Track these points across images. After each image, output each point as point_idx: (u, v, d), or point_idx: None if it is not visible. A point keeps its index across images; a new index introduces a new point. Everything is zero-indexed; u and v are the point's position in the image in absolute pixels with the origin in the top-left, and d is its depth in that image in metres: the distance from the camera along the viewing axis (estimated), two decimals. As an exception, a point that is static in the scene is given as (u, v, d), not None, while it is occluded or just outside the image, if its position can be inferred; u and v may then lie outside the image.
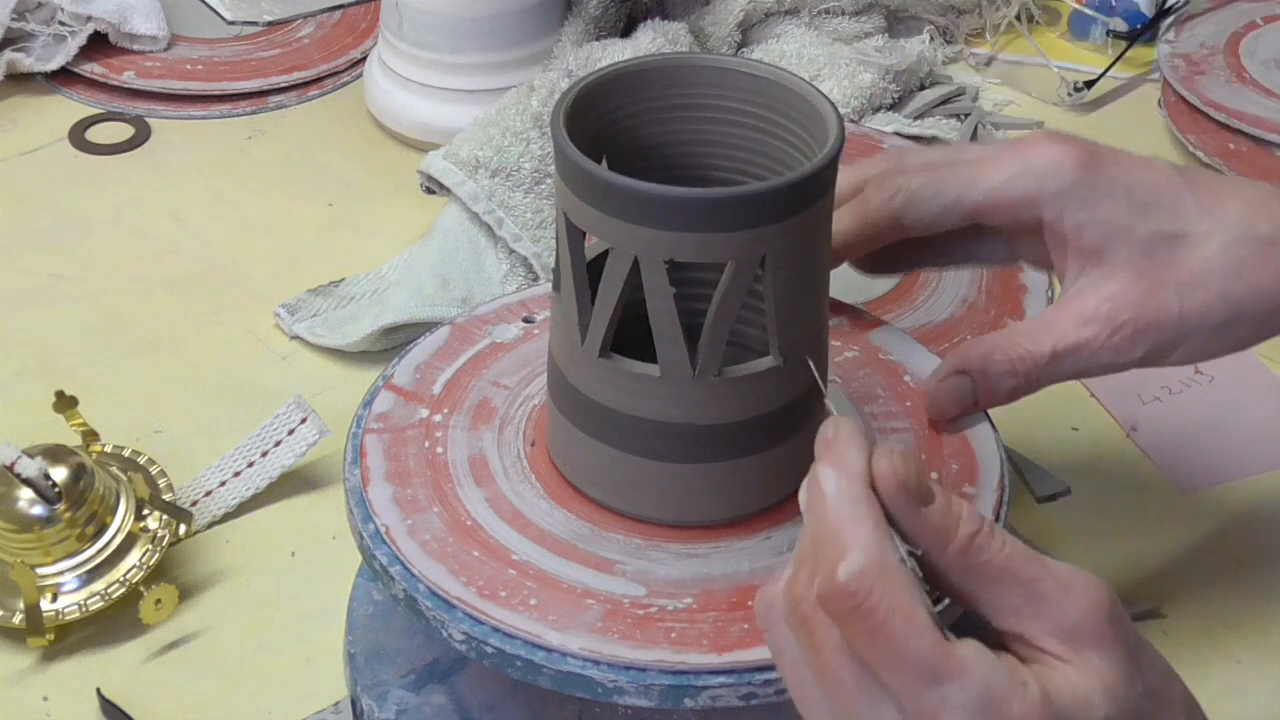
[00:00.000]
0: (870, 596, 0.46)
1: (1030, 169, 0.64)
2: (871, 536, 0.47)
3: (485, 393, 0.67)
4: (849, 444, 0.49)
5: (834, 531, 0.48)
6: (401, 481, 0.63)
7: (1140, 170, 0.65)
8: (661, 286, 0.57)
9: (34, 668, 0.72)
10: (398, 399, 0.67)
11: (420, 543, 0.60)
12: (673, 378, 0.58)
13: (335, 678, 0.71)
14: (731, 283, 0.57)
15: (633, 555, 0.60)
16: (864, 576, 0.47)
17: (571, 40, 1.05)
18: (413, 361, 0.69)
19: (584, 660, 0.56)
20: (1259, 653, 0.74)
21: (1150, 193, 0.64)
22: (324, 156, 1.06)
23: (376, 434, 0.65)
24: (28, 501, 0.71)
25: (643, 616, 0.57)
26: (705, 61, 0.62)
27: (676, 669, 0.56)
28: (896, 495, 0.48)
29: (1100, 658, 0.48)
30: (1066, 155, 0.64)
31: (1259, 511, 0.81)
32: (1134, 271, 0.63)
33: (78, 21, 1.11)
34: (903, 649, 0.46)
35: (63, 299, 0.93)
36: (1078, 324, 0.63)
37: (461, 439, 0.65)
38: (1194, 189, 0.64)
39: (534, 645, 0.57)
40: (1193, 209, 0.64)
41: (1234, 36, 1.13)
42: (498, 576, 0.59)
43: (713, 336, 0.57)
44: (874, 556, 0.47)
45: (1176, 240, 0.63)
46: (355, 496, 0.63)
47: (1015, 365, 0.64)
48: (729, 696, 0.55)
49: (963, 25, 1.18)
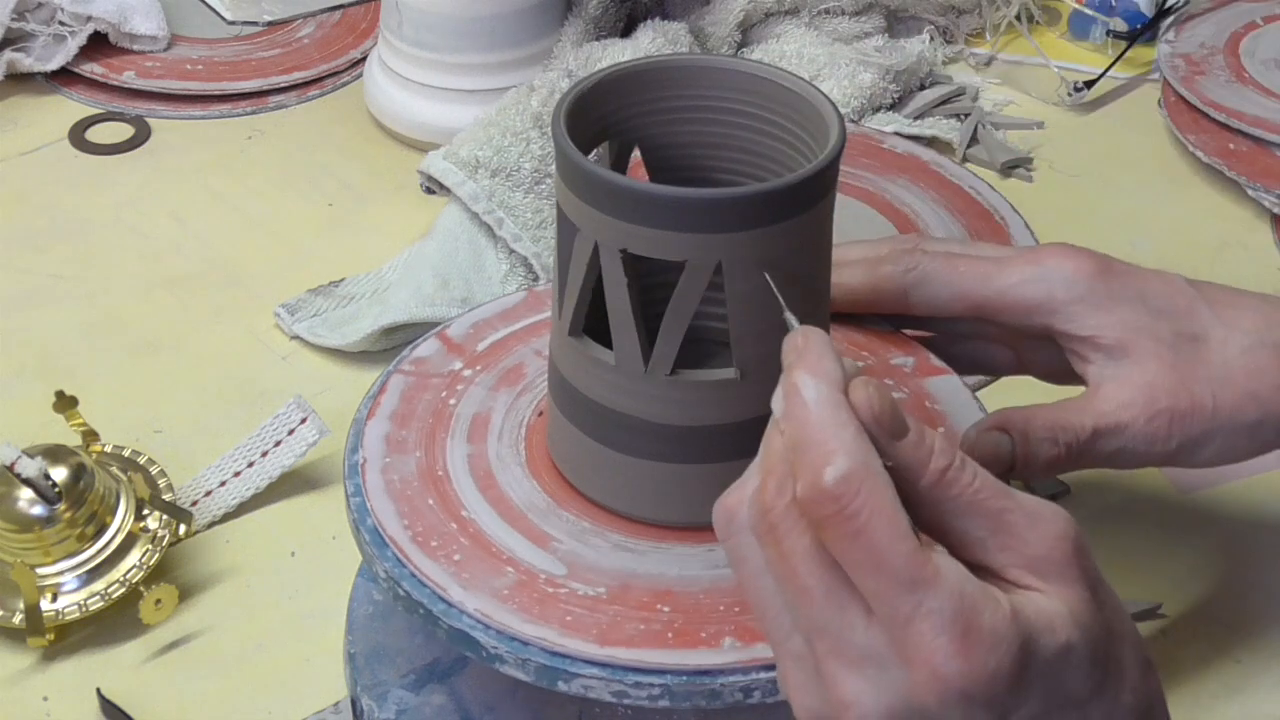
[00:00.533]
0: (856, 499, 0.47)
1: (1044, 276, 0.65)
2: (856, 441, 0.48)
3: (523, 358, 0.68)
4: (823, 352, 0.50)
5: (817, 436, 0.48)
6: (401, 423, 0.65)
7: (1154, 281, 0.66)
8: (617, 275, 0.57)
9: (34, 668, 0.72)
10: (440, 348, 0.69)
11: (386, 481, 0.63)
12: (626, 369, 0.59)
13: (335, 678, 0.71)
14: (685, 284, 0.56)
15: (573, 536, 0.61)
16: (850, 480, 0.47)
17: (571, 40, 1.05)
18: (474, 317, 0.70)
19: (475, 621, 0.57)
20: (1259, 653, 0.74)
21: (1166, 301, 0.65)
22: (324, 156, 1.06)
23: (403, 375, 0.67)
24: (28, 501, 0.71)
25: (549, 594, 0.58)
26: (705, 62, 0.62)
27: (556, 650, 0.56)
28: (871, 427, 0.49)
29: (1066, 588, 0.49)
30: (1081, 266, 0.65)
31: (1259, 511, 0.81)
32: (1164, 363, 0.64)
33: (78, 21, 1.11)
34: (884, 554, 0.47)
35: (63, 299, 0.93)
36: (1118, 406, 0.64)
37: (477, 396, 0.67)
38: (1208, 300, 0.66)
39: (437, 596, 0.58)
40: (1208, 317, 0.65)
41: (1234, 36, 1.13)
42: (439, 527, 0.61)
43: (667, 335, 0.57)
44: (860, 460, 0.47)
45: (1198, 340, 0.65)
46: (356, 427, 0.65)
47: (1057, 434, 0.63)
48: (600, 690, 0.56)
49: (963, 25, 1.18)
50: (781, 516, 0.49)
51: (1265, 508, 0.81)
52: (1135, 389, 0.64)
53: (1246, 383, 0.64)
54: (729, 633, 0.57)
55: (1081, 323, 0.65)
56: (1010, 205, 0.99)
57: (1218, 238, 1.00)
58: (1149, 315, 0.65)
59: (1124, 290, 0.65)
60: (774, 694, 0.55)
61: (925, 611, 0.47)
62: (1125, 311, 0.64)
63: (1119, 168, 1.07)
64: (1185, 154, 1.06)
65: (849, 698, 0.48)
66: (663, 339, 0.58)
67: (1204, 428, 0.64)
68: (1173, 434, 0.64)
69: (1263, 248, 1.00)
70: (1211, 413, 0.64)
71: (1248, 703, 0.71)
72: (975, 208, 0.98)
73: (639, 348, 0.58)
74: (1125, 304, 0.65)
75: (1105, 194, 1.05)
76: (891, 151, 1.03)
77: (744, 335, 0.58)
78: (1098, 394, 0.65)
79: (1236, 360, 0.64)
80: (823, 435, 0.48)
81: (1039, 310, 0.65)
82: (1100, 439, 0.64)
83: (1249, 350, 0.64)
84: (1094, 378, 0.65)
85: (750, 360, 0.58)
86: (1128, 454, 0.65)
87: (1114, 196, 1.04)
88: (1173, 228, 1.01)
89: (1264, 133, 1.03)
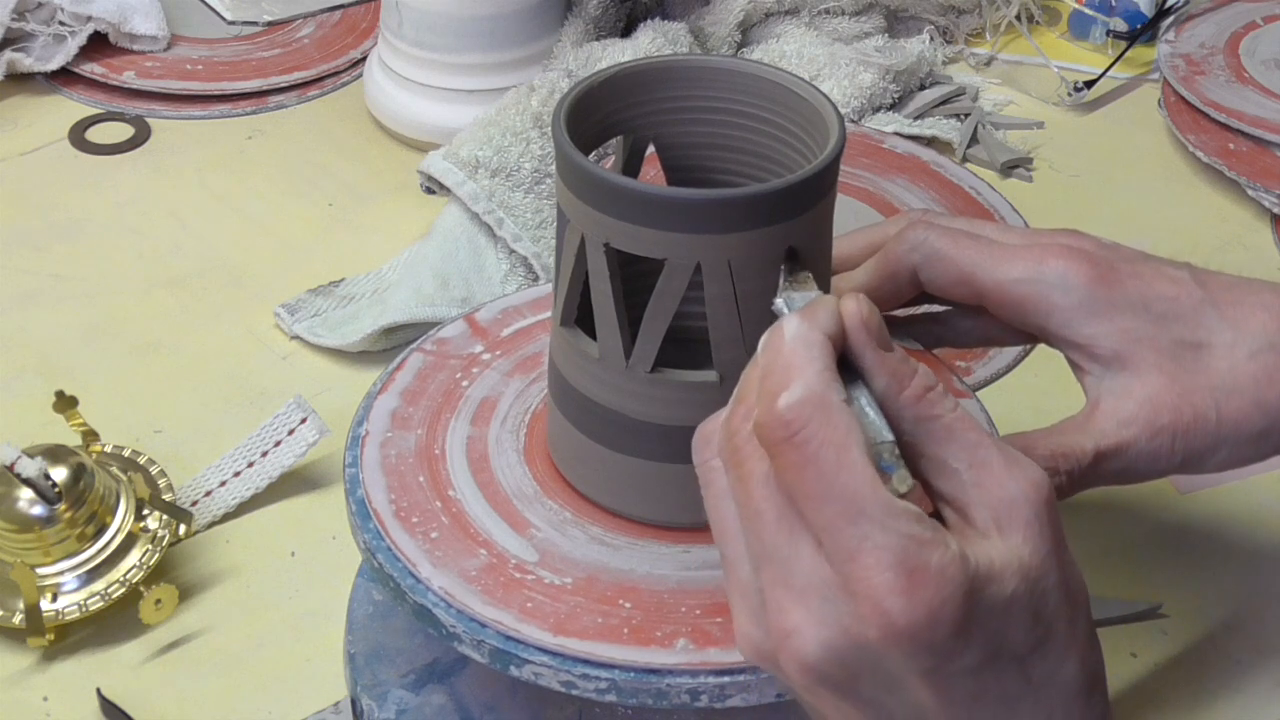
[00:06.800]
0: (806, 427, 0.47)
1: (1041, 277, 0.63)
2: (818, 374, 0.48)
3: (544, 347, 0.68)
4: (826, 307, 0.50)
5: (783, 365, 0.49)
6: (410, 400, 0.66)
7: (1158, 283, 0.63)
8: (601, 268, 0.57)
9: (34, 668, 0.72)
10: (465, 330, 0.70)
11: (383, 455, 0.63)
12: (609, 363, 0.59)
13: (335, 678, 0.71)
14: (665, 283, 0.57)
15: (552, 525, 0.61)
16: (803, 406, 0.47)
17: (571, 40, 1.05)
18: (504, 304, 0.71)
19: (438, 599, 0.58)
20: (1259, 653, 0.74)
21: (1169, 305, 0.63)
22: (324, 156, 1.06)
23: (423, 354, 0.68)
24: (28, 501, 0.71)
25: (515, 579, 0.59)
26: (705, 62, 0.62)
27: (510, 635, 0.56)
28: (859, 330, 0.50)
29: (1024, 542, 0.49)
30: (1079, 270, 0.63)
31: (1259, 511, 0.81)
32: (1165, 375, 0.62)
33: (78, 21, 1.11)
34: (832, 484, 0.47)
35: (63, 299, 0.93)
36: (1118, 425, 0.62)
37: (491, 379, 0.67)
38: (1215, 300, 0.63)
39: (406, 571, 0.59)
40: (1214, 320, 0.63)
41: (1234, 36, 1.13)
42: (423, 504, 0.61)
43: (648, 332, 0.58)
44: (816, 390, 0.48)
45: (1201, 348, 0.62)
46: (366, 400, 0.66)
47: (1057, 463, 0.61)
48: (550, 678, 0.56)
49: (963, 25, 1.18)
50: (744, 441, 0.50)
51: (1265, 508, 0.81)
52: (1136, 404, 0.62)
53: (1253, 390, 0.62)
54: (685, 634, 0.57)
55: (1077, 330, 0.63)
56: (1010, 205, 0.99)
57: (1218, 238, 1.00)
58: (1150, 322, 0.62)
59: (1125, 296, 0.63)
60: (722, 699, 0.56)
61: (871, 546, 0.47)
62: (1125, 319, 0.62)
63: (1119, 168, 1.07)
64: (1185, 154, 1.06)
65: (789, 627, 0.48)
66: (643, 336, 0.58)
67: (1208, 441, 0.62)
68: (1176, 450, 0.62)
69: (1263, 248, 1.00)
70: (1215, 425, 0.62)
71: (1248, 703, 0.71)
72: (975, 208, 0.98)
73: (621, 343, 0.58)
74: (1125, 311, 0.62)
75: (1105, 194, 1.05)
76: (891, 151, 1.03)
77: (723, 339, 0.58)
78: (1097, 411, 0.63)
79: (1243, 367, 0.62)
80: (787, 364, 0.48)
81: (1035, 312, 0.63)
82: (1102, 462, 0.62)
83: (1256, 355, 0.62)
84: (1092, 391, 0.63)
85: (730, 364, 0.58)
86: (1131, 473, 0.63)
87: (1114, 196, 1.04)
88: (1173, 228, 1.01)
89: (1264, 133, 1.03)
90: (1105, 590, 0.76)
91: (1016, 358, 0.87)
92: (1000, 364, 0.87)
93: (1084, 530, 0.79)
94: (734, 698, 0.56)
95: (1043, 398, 0.83)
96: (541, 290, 0.72)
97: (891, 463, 0.48)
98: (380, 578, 0.60)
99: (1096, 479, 0.63)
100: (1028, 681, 0.50)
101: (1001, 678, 0.49)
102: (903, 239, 0.65)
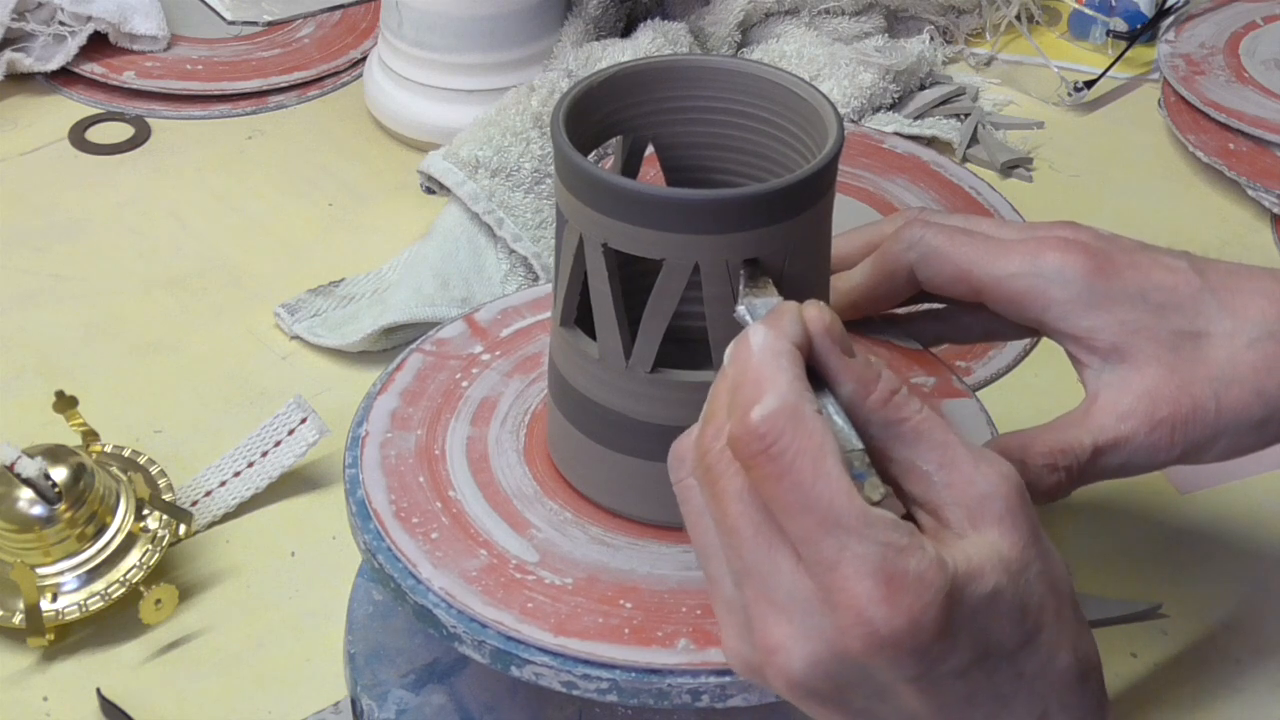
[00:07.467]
0: (781, 439, 0.47)
1: (1038, 270, 0.63)
2: (790, 385, 0.48)
3: (544, 347, 0.68)
4: (789, 314, 0.50)
5: (753, 378, 0.48)
6: (410, 400, 0.66)
7: (1157, 273, 0.63)
8: (600, 268, 0.57)
9: (34, 668, 0.72)
10: (464, 331, 0.69)
11: (382, 456, 0.63)
12: (609, 363, 0.59)
13: (335, 678, 0.71)
14: (663, 283, 0.57)
15: (552, 525, 0.61)
16: (776, 418, 0.47)
17: (571, 40, 1.05)
18: (503, 304, 0.71)
19: (439, 600, 0.58)
20: (1259, 653, 0.74)
21: (1168, 295, 0.62)
22: (324, 156, 1.06)
23: (422, 354, 0.68)
24: (28, 501, 0.71)
25: (516, 580, 0.58)
26: (705, 62, 0.62)
27: (511, 635, 0.56)
28: (823, 337, 0.50)
29: (1000, 535, 0.49)
30: (1076, 263, 0.62)
31: (1259, 511, 0.81)
32: (1164, 366, 0.62)
33: (78, 21, 1.11)
34: (808, 495, 0.47)
35: (63, 299, 0.93)
36: (1117, 419, 0.62)
37: (491, 380, 0.67)
38: (1213, 288, 0.63)
39: (407, 571, 0.59)
40: (1214, 309, 0.62)
41: (1234, 36, 1.13)
42: (423, 505, 0.61)
43: (647, 332, 0.58)
44: (789, 401, 0.48)
45: (1200, 338, 0.62)
46: (366, 400, 0.66)
47: (1056, 459, 0.61)
48: (551, 678, 0.56)
49: (963, 25, 1.18)
50: (717, 458, 0.49)
51: (1265, 508, 0.81)
52: (1134, 397, 0.62)
53: (1253, 379, 0.62)
54: (686, 634, 0.57)
55: (1075, 323, 0.63)
56: (1010, 205, 0.99)
57: (1218, 238, 1.00)
58: (1149, 313, 0.62)
59: (1123, 287, 0.62)
60: (723, 699, 0.56)
61: (850, 556, 0.46)
62: (1123, 311, 0.62)
63: (1119, 168, 1.07)
64: (1185, 154, 1.06)
65: (774, 643, 0.48)
66: (643, 336, 0.58)
67: (1208, 431, 0.62)
68: (1175, 442, 0.62)
69: (1263, 248, 1.00)
70: (1215, 415, 0.62)
71: (1248, 703, 0.71)
72: (975, 208, 0.98)
73: (620, 343, 0.58)
74: (1123, 303, 0.62)
75: (1105, 194, 1.05)
76: (891, 151, 1.03)
77: (722, 339, 0.57)
78: (1095, 405, 0.62)
79: (1242, 355, 0.62)
80: (758, 376, 0.48)
81: (1033, 306, 0.63)
82: (1102, 456, 0.62)
83: (1255, 343, 0.62)
84: (1091, 384, 0.63)
85: None
86: (1132, 466, 0.63)
87: (1114, 196, 1.04)
88: (1173, 228, 1.01)
89: (1264, 133, 1.03)
90: (1105, 590, 0.76)
91: (1016, 357, 0.87)
92: (1000, 364, 0.87)
93: (1084, 530, 0.79)
94: (735, 697, 0.56)
95: (1043, 397, 0.83)
96: (541, 290, 0.72)
97: (863, 470, 0.48)
98: (381, 578, 0.60)
99: (1096, 474, 0.62)
100: (1020, 677, 0.49)
101: (993, 676, 0.49)
102: (899, 237, 0.65)
